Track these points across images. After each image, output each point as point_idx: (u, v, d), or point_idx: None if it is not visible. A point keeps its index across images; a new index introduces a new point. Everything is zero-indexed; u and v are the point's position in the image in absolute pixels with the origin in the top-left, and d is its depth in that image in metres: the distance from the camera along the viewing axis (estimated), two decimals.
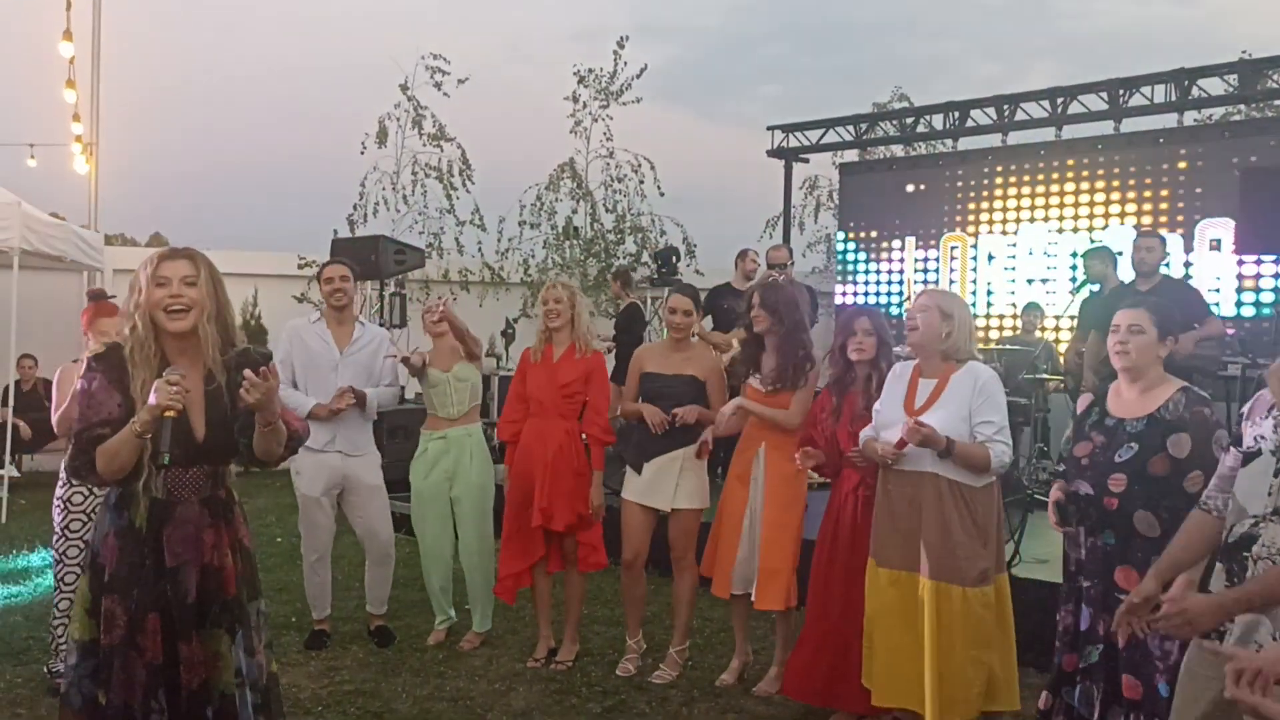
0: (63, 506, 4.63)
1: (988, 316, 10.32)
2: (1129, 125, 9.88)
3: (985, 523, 3.90)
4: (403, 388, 9.32)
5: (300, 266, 11.56)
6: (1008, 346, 8.66)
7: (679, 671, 5.05)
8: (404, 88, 12.36)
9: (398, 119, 12.42)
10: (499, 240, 12.75)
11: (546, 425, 5.15)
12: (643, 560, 5.12)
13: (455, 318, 5.45)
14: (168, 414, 2.76)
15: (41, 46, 11.73)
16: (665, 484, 4.98)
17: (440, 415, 5.46)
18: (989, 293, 10.39)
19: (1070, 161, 10.00)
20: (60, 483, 4.66)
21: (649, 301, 11.05)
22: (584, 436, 5.19)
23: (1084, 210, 9.83)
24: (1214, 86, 9.48)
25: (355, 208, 12.27)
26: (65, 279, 10.85)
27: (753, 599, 4.79)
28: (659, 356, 5.16)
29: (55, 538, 4.66)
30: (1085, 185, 9.84)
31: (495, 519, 5.52)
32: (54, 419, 4.83)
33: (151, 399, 2.76)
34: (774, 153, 12.49)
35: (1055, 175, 10.08)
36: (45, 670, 4.76)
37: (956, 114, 11.06)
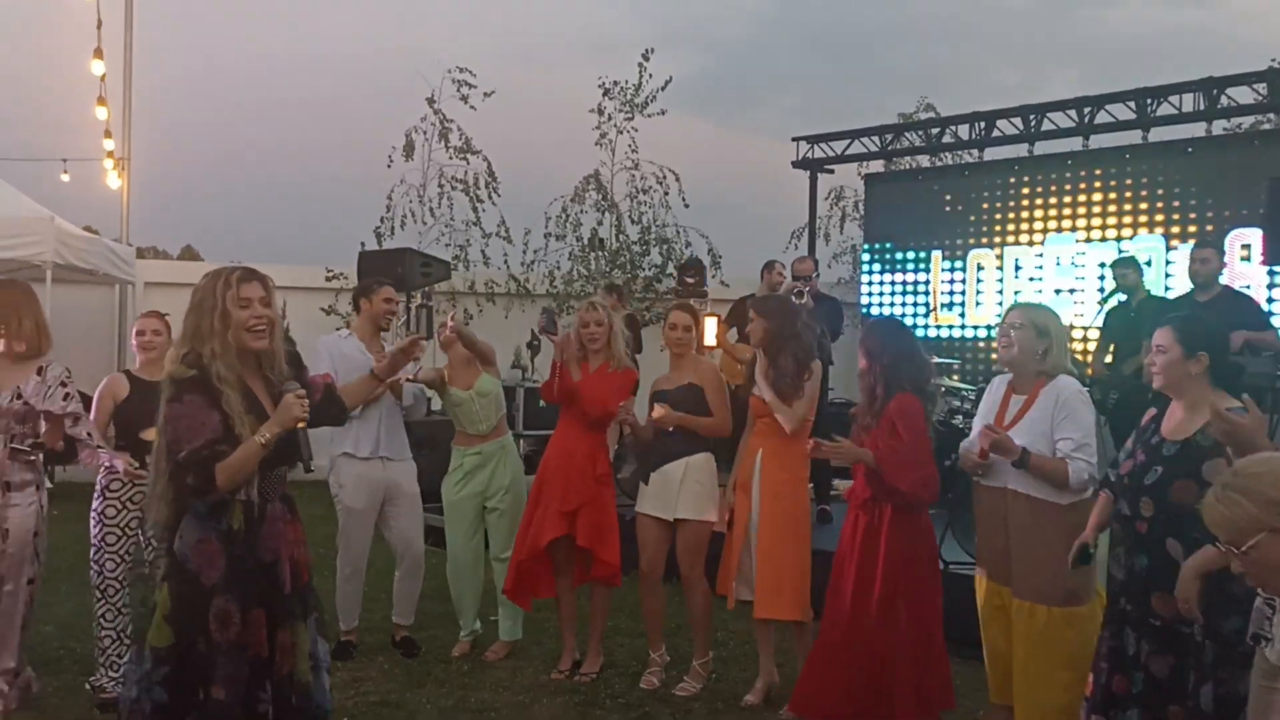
0: (98, 520, 4.67)
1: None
2: (1157, 134, 9.80)
3: (1071, 541, 3.75)
4: (430, 398, 9.37)
5: (328, 279, 11.65)
6: None
7: (703, 684, 5.05)
8: (430, 101, 12.44)
9: (424, 132, 12.50)
10: (525, 252, 12.80)
11: (576, 436, 5.19)
12: (658, 572, 5.13)
13: (463, 329, 5.51)
14: (300, 425, 3.04)
15: (74, 65, 11.90)
16: (668, 494, 5.01)
17: (470, 433, 5.51)
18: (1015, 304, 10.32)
19: (1098, 171, 9.93)
20: (96, 496, 4.71)
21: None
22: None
23: (1112, 220, 9.76)
24: (1243, 95, 9.39)
25: (382, 220, 12.34)
26: (98, 292, 10.97)
27: (742, 600, 4.82)
28: (664, 376, 5.25)
29: (93, 550, 4.69)
30: (1113, 195, 9.76)
31: None
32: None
33: (285, 413, 3.03)
34: (799, 163, 12.47)
35: (1082, 185, 10.01)
36: (87, 685, 4.79)
37: (982, 124, 11.01)
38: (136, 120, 11.89)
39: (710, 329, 7.91)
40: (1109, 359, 7.56)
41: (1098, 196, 9.86)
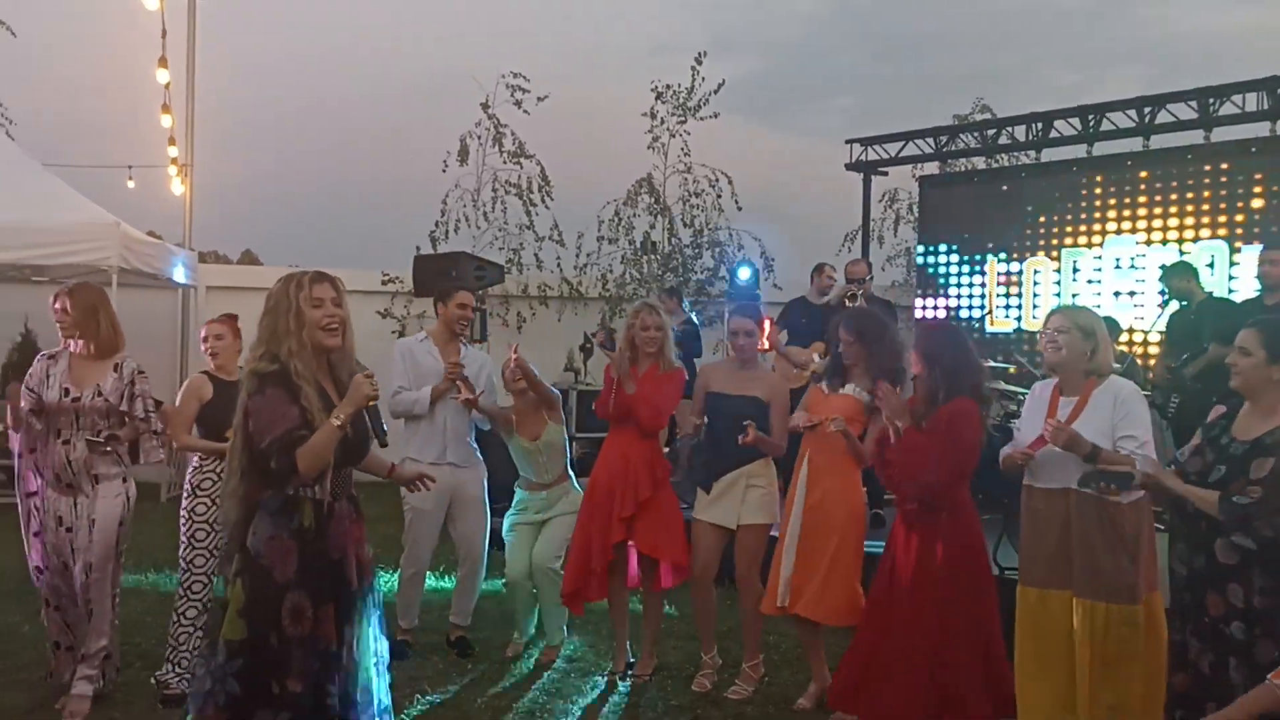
0: (188, 518, 4.83)
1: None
2: (1220, 134, 9.60)
3: (1133, 539, 3.81)
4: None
5: (384, 282, 11.81)
6: None
7: (755, 687, 5.05)
8: (485, 106, 12.55)
9: (479, 137, 12.61)
10: (577, 255, 12.85)
11: (631, 442, 5.19)
12: (710, 575, 5.14)
13: (529, 369, 5.53)
14: (372, 402, 3.18)
15: (139, 74, 12.17)
16: (732, 501, 5.00)
17: (536, 481, 5.58)
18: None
19: (1159, 172, 9.75)
20: (185, 494, 4.87)
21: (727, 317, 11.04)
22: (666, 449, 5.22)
23: (1173, 222, 9.57)
24: None
25: (437, 224, 12.46)
26: (161, 296, 11.21)
27: (783, 605, 4.78)
28: (724, 376, 5.18)
29: (182, 547, 4.85)
30: (1174, 197, 9.58)
31: None
32: (174, 435, 4.95)
33: (356, 392, 3.15)
34: (852, 166, 12.40)
35: (1143, 187, 9.83)
36: (153, 680, 4.90)
37: (1040, 125, 10.85)
38: (199, 128, 12.15)
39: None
40: (1171, 363, 7.43)
41: (1159, 198, 9.68)
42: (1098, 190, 10.13)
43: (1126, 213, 9.88)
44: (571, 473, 5.73)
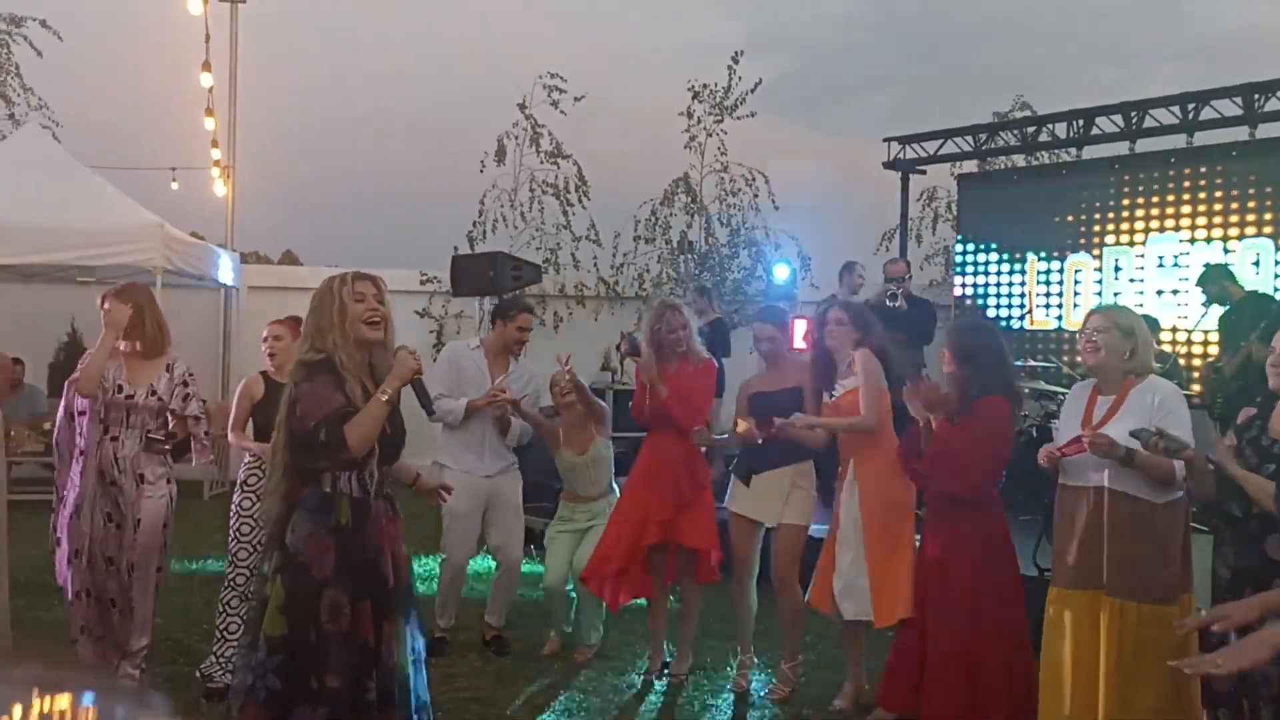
0: (235, 511, 4.93)
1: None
2: (1265, 131, 9.45)
3: (1167, 540, 3.76)
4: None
5: (422, 282, 11.90)
6: None
7: (792, 687, 5.03)
8: (522, 107, 12.61)
9: (516, 137, 12.68)
10: (614, 255, 12.88)
11: (670, 443, 5.18)
12: (752, 571, 5.12)
13: (581, 383, 5.53)
14: (418, 375, 3.26)
15: (183, 78, 12.36)
16: (773, 499, 4.97)
17: (580, 494, 5.60)
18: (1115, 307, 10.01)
19: (1203, 170, 9.61)
20: (236, 490, 4.97)
21: None
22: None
23: (1218, 220, 9.43)
24: None
25: (475, 224, 12.54)
26: (204, 295, 11.37)
27: (870, 620, 4.71)
28: (759, 379, 5.21)
29: (230, 540, 4.94)
30: (1219, 194, 9.44)
31: None
32: (229, 432, 5.09)
33: (401, 368, 3.24)
34: (890, 164, 12.32)
35: (1186, 184, 9.69)
36: (197, 673, 4.95)
37: (1081, 122, 10.73)
38: (241, 130, 12.31)
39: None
40: (1218, 364, 7.34)
41: (1203, 195, 9.54)
42: (1140, 188, 10.00)
43: (1170, 210, 9.75)
44: (615, 485, 5.73)
